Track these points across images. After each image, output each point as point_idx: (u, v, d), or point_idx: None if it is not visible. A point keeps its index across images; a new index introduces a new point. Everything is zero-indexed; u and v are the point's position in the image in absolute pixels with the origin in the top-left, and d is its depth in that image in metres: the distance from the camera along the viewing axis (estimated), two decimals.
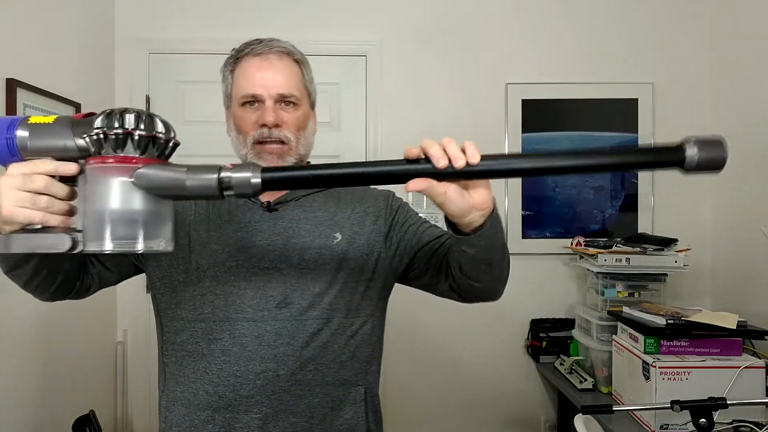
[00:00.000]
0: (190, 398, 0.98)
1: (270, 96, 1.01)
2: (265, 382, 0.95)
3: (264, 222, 1.03)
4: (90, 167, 0.74)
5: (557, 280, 2.47)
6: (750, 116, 2.20)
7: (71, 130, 0.75)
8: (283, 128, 1.02)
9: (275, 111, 1.01)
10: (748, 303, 2.16)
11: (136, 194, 0.73)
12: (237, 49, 1.07)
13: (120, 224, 0.72)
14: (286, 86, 1.03)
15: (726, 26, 2.37)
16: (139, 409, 2.41)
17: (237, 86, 1.05)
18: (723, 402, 1.33)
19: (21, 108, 1.77)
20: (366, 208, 1.08)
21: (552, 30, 2.47)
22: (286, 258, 1.00)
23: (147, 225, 0.73)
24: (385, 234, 1.06)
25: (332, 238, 1.03)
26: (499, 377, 2.46)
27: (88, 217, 0.73)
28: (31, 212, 0.72)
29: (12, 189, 0.72)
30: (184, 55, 2.43)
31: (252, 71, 1.03)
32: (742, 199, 2.25)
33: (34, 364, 1.84)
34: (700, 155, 0.69)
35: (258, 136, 1.01)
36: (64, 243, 0.72)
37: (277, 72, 1.03)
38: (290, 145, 1.02)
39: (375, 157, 2.43)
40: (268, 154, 1.01)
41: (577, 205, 2.46)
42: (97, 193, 0.73)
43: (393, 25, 2.46)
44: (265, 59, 1.03)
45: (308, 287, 0.99)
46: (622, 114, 2.46)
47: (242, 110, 1.03)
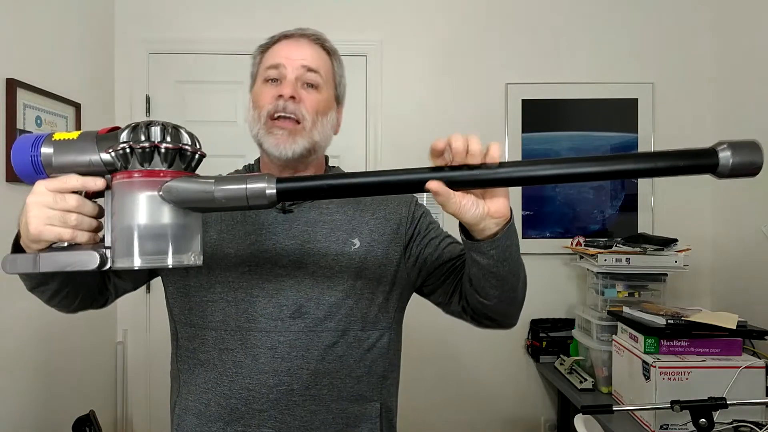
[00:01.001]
0: (201, 409, 0.95)
1: (293, 67, 0.96)
2: (279, 396, 0.91)
3: (278, 224, 0.98)
4: (117, 182, 0.73)
5: (557, 280, 2.47)
6: (750, 116, 2.20)
7: (96, 145, 0.74)
8: (299, 103, 0.95)
9: (294, 85, 0.95)
10: (748, 303, 2.16)
11: (165, 208, 0.72)
12: (271, 37, 1.04)
13: (149, 239, 0.71)
14: (312, 60, 0.98)
15: (726, 26, 2.37)
16: (139, 409, 2.41)
17: (262, 64, 1.00)
18: (723, 402, 1.33)
19: (21, 108, 1.77)
20: (386, 214, 1.02)
21: (552, 30, 2.47)
22: (301, 264, 0.95)
23: (176, 239, 0.72)
24: (405, 244, 1.01)
25: (350, 244, 0.97)
26: (499, 377, 2.46)
27: (116, 233, 0.72)
28: (60, 230, 0.71)
29: (41, 207, 0.71)
30: (184, 55, 2.43)
31: (281, 46, 1.00)
32: (742, 199, 2.25)
33: (34, 364, 1.84)
34: (734, 159, 0.66)
35: (272, 108, 0.94)
36: (93, 260, 0.71)
37: (305, 48, 0.99)
38: (304, 124, 0.95)
39: (375, 158, 2.43)
40: (279, 129, 0.94)
41: (577, 205, 2.46)
42: (124, 209, 0.72)
43: (393, 25, 2.46)
44: (296, 40, 1.00)
45: (324, 297, 0.94)
46: (622, 114, 2.46)
47: (264, 86, 0.98)
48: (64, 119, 2.02)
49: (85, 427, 1.93)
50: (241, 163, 1.16)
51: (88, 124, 2.16)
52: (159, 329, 2.38)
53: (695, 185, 2.46)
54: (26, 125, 1.80)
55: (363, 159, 2.44)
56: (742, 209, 2.25)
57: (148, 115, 2.41)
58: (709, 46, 2.45)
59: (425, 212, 1.07)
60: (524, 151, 2.45)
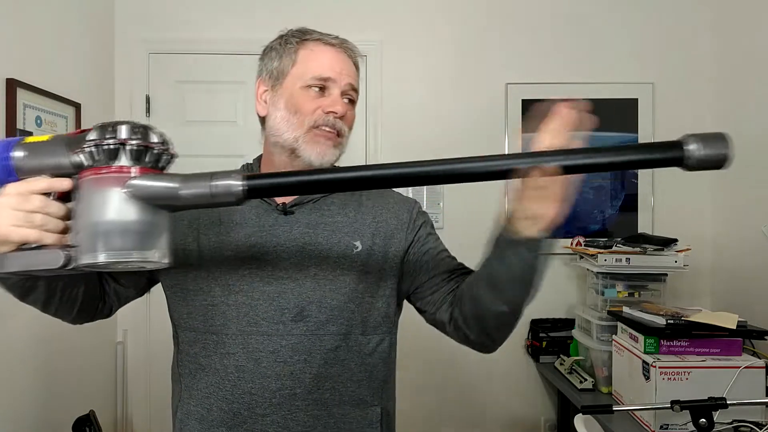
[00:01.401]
0: (204, 414, 0.95)
1: (340, 84, 0.98)
2: (281, 401, 0.91)
3: (279, 226, 0.97)
4: (83, 180, 0.73)
5: (557, 280, 2.46)
6: (750, 116, 2.20)
7: (66, 147, 0.74)
8: (344, 121, 0.99)
9: (343, 102, 0.98)
10: (748, 303, 2.15)
11: (130, 204, 0.71)
12: (301, 30, 1.03)
13: (113, 235, 0.71)
14: (354, 79, 1.01)
15: (726, 26, 2.37)
16: (139, 409, 2.41)
17: (305, 65, 0.99)
18: (723, 402, 1.33)
19: (21, 108, 1.77)
20: (388, 217, 1.02)
21: (552, 30, 2.47)
22: (302, 266, 0.95)
23: (141, 235, 0.72)
24: (405, 249, 1.01)
25: (352, 246, 0.97)
26: (499, 377, 2.46)
27: (81, 231, 0.72)
28: (26, 231, 0.71)
29: (7, 209, 0.71)
30: (184, 55, 2.43)
31: (327, 55, 0.99)
32: (742, 199, 2.25)
33: (34, 364, 1.84)
34: (701, 152, 0.67)
35: (321, 121, 0.97)
36: (57, 259, 0.71)
37: (347, 65, 1.01)
38: (344, 139, 1.00)
39: (375, 158, 2.43)
40: (325, 141, 0.97)
41: (577, 205, 2.46)
42: (90, 206, 0.72)
43: (393, 25, 2.46)
44: (338, 51, 1.00)
45: (326, 300, 0.94)
46: (622, 114, 2.46)
47: (305, 91, 0.98)
48: (64, 119, 2.02)
49: (85, 427, 1.93)
50: (241, 162, 1.16)
51: (88, 124, 2.15)
52: (159, 329, 2.38)
53: (695, 185, 2.46)
54: (26, 125, 1.80)
55: (363, 159, 2.44)
56: (742, 209, 2.25)
57: (148, 115, 2.41)
58: (709, 46, 2.45)
59: (426, 221, 1.07)
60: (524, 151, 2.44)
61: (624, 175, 2.46)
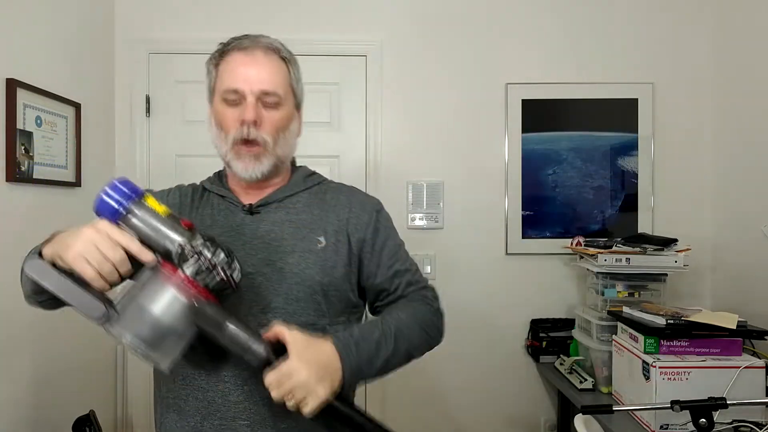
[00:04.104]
0: (180, 405, 0.98)
1: (252, 92, 0.99)
2: (253, 388, 0.95)
3: (246, 225, 1.03)
4: (164, 271, 0.80)
5: (557, 280, 2.46)
6: (750, 116, 2.20)
7: (171, 230, 0.81)
8: (261, 129, 1.00)
9: (255, 109, 0.99)
10: (748, 303, 2.16)
11: (181, 315, 0.79)
12: (223, 43, 1.06)
13: (151, 328, 0.78)
14: (270, 82, 1.00)
15: (726, 26, 2.37)
16: (139, 409, 2.41)
17: (220, 80, 1.03)
18: (723, 402, 1.33)
19: (21, 108, 1.77)
20: (350, 216, 1.07)
21: (552, 30, 2.47)
22: (269, 262, 0.99)
23: (169, 341, 0.80)
24: (360, 248, 1.07)
25: (316, 242, 1.02)
26: (499, 377, 2.46)
27: (129, 307, 0.79)
28: (90, 270, 0.77)
29: (89, 242, 0.77)
30: (184, 55, 2.43)
31: (235, 66, 1.01)
32: (742, 199, 2.25)
33: (34, 364, 1.84)
34: None
35: (238, 135, 1.00)
36: (96, 312, 0.78)
37: (261, 68, 1.00)
38: (266, 146, 1.01)
39: (375, 158, 2.43)
40: (246, 155, 1.00)
41: (577, 205, 2.46)
42: (153, 295, 0.79)
43: (393, 25, 2.45)
44: (249, 54, 1.01)
45: (292, 292, 0.98)
46: (622, 114, 2.46)
47: (223, 106, 1.02)
48: (64, 119, 2.02)
49: (85, 427, 1.93)
50: None
51: (88, 124, 2.16)
52: None
53: (695, 185, 2.46)
54: (26, 125, 1.80)
55: (363, 159, 2.44)
56: (742, 209, 2.25)
57: (148, 115, 2.41)
58: (709, 46, 2.45)
59: (387, 227, 1.12)
60: (524, 151, 2.45)
61: (624, 175, 2.46)
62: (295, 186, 1.09)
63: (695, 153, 2.46)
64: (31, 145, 1.83)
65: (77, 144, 2.09)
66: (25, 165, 1.80)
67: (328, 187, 1.13)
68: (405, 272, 1.09)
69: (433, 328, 1.08)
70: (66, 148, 2.03)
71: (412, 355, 1.03)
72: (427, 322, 1.06)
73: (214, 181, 1.13)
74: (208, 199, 1.10)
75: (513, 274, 2.45)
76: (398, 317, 1.03)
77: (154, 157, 2.42)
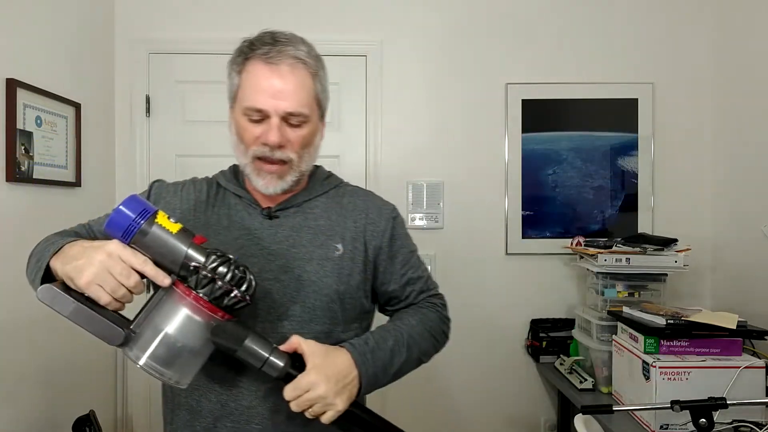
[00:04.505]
0: (193, 405, 0.98)
1: (276, 112, 0.94)
2: (267, 394, 0.95)
3: (264, 230, 1.01)
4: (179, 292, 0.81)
5: (557, 280, 2.46)
6: (750, 116, 2.20)
7: (186, 246, 0.81)
8: (286, 148, 0.96)
9: (280, 130, 0.95)
10: (748, 303, 2.16)
11: (200, 336, 0.81)
12: (248, 45, 0.98)
13: (167, 350, 0.79)
14: (295, 102, 0.95)
15: (726, 26, 2.37)
16: (139, 409, 2.41)
17: (243, 92, 0.97)
18: (723, 402, 1.33)
19: (21, 108, 1.77)
20: (366, 223, 1.06)
21: (552, 30, 2.47)
22: (286, 269, 0.98)
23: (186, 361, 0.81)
24: (376, 255, 1.07)
25: (333, 249, 1.01)
26: (499, 377, 2.46)
27: (147, 329, 0.80)
28: (104, 295, 0.78)
29: (105, 269, 0.77)
30: (184, 55, 2.43)
31: (260, 80, 0.95)
32: (742, 199, 2.25)
33: (34, 364, 1.84)
34: None
35: (259, 153, 0.96)
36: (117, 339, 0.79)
37: (287, 85, 0.94)
38: (291, 164, 0.98)
39: (375, 158, 2.43)
40: (268, 174, 0.98)
41: (577, 205, 2.46)
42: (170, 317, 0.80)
43: (393, 25, 2.45)
44: (275, 70, 0.94)
45: (309, 300, 0.98)
46: (622, 114, 2.46)
47: (245, 120, 0.97)
48: (64, 119, 2.02)
49: (85, 427, 1.93)
50: None
51: (88, 124, 2.16)
52: None
53: (695, 185, 2.46)
54: (26, 125, 1.80)
55: (363, 159, 2.44)
56: (742, 209, 2.25)
57: (148, 115, 2.41)
58: (709, 46, 2.45)
59: (402, 234, 1.12)
60: (524, 151, 2.45)
61: (624, 175, 2.46)
62: (313, 190, 1.08)
63: (695, 153, 2.46)
64: (31, 145, 1.83)
65: (77, 144, 2.09)
66: (25, 165, 1.80)
67: (345, 191, 1.12)
68: (417, 280, 1.11)
69: (441, 334, 1.11)
70: (66, 148, 2.03)
71: (422, 360, 1.06)
72: (436, 329, 1.08)
73: (230, 178, 1.09)
74: (224, 197, 1.07)
75: (513, 274, 2.45)
76: (410, 324, 1.04)
77: (154, 157, 2.42)
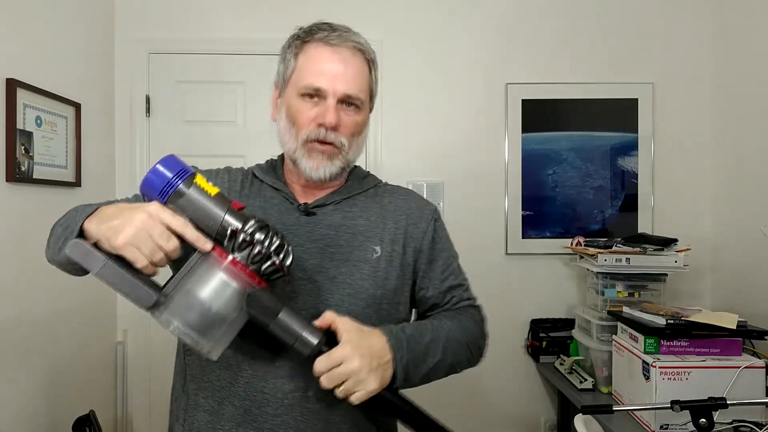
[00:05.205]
0: (215, 407, 0.94)
1: (334, 94, 0.94)
2: (294, 402, 0.90)
3: (300, 226, 0.97)
4: (216, 257, 0.76)
5: (557, 280, 2.46)
6: (750, 116, 2.20)
7: (223, 212, 0.78)
8: (339, 132, 0.95)
9: (337, 111, 0.94)
10: (748, 303, 2.16)
11: (234, 302, 0.76)
12: (306, 30, 0.99)
13: (200, 314, 0.75)
14: (354, 86, 0.96)
15: (726, 26, 2.37)
16: (139, 409, 2.41)
17: (300, 73, 0.96)
18: (723, 402, 1.33)
19: (21, 108, 1.77)
20: (407, 224, 1.02)
21: (552, 30, 2.47)
22: (321, 269, 0.94)
23: (219, 329, 0.77)
24: (416, 259, 1.02)
25: (372, 251, 0.97)
26: (499, 377, 2.46)
27: (180, 290, 0.75)
28: (140, 257, 0.73)
29: (144, 231, 0.73)
30: (184, 55, 2.43)
31: (320, 62, 0.95)
32: (742, 199, 2.25)
33: (34, 364, 1.84)
34: None
35: (313, 135, 0.94)
36: (147, 301, 0.74)
37: (348, 68, 0.95)
38: (342, 149, 0.97)
39: (375, 158, 2.43)
40: (319, 153, 0.95)
41: (577, 205, 2.46)
42: (204, 282, 0.76)
43: (393, 25, 2.45)
44: (336, 52, 0.96)
45: (343, 304, 0.93)
46: (622, 114, 2.46)
47: (300, 101, 0.96)
48: (64, 119, 2.02)
49: (85, 427, 1.93)
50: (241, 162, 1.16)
51: (88, 124, 2.16)
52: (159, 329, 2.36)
53: (695, 185, 2.46)
54: (26, 125, 1.80)
55: (363, 159, 2.44)
56: (742, 209, 2.25)
57: (148, 115, 2.41)
58: (709, 46, 2.45)
59: (443, 236, 1.08)
60: (524, 151, 2.45)
61: (624, 175, 2.46)
62: (352, 188, 1.04)
63: (695, 153, 2.46)
64: (31, 145, 1.83)
65: (77, 144, 2.09)
66: (25, 165, 1.80)
67: (385, 190, 1.08)
68: (458, 287, 1.06)
69: (477, 348, 1.06)
70: (66, 148, 2.03)
71: (454, 369, 1.01)
72: (473, 341, 1.04)
73: (268, 171, 1.06)
74: (259, 189, 1.03)
75: (513, 274, 2.45)
76: (448, 327, 0.99)
77: (154, 157, 2.42)
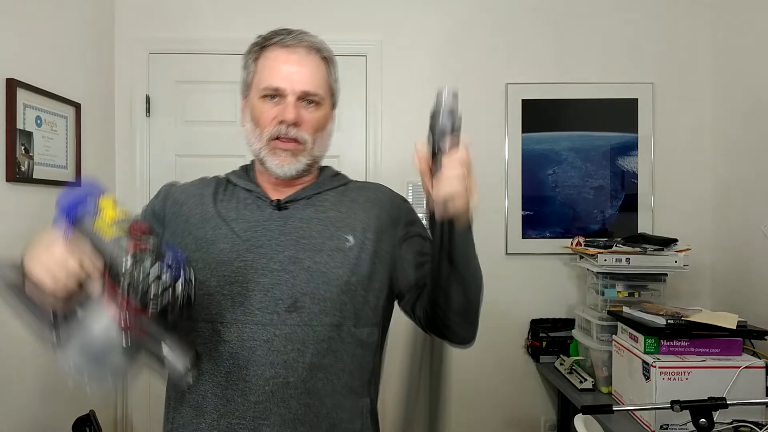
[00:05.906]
0: (198, 400, 0.96)
1: (293, 92, 0.98)
2: (274, 389, 0.93)
3: (273, 221, 1.00)
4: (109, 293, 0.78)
5: (557, 280, 2.46)
6: (750, 116, 2.20)
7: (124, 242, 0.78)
8: (301, 128, 0.99)
9: (296, 108, 0.98)
10: (748, 303, 2.16)
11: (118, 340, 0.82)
12: (264, 37, 1.03)
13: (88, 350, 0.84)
14: (311, 83, 1.00)
15: (726, 26, 2.37)
16: (139, 409, 2.41)
17: (260, 76, 1.01)
18: (723, 402, 1.33)
19: (21, 108, 1.77)
20: (379, 212, 1.05)
21: (552, 30, 2.47)
22: (296, 260, 0.97)
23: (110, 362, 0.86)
24: (394, 245, 1.04)
25: (344, 240, 1.00)
26: (499, 377, 2.46)
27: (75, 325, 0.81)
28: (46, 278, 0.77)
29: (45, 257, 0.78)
30: (184, 55, 2.43)
31: (277, 63, 1.00)
32: (742, 199, 2.25)
33: (34, 364, 1.84)
34: None
35: (275, 132, 0.99)
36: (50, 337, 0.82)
37: (303, 67, 1.00)
38: (306, 145, 1.00)
39: (375, 158, 2.43)
40: (282, 150, 0.99)
41: (577, 205, 2.46)
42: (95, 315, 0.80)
43: (393, 25, 2.45)
44: (292, 52, 1.00)
45: (319, 292, 0.95)
46: (622, 114, 2.46)
47: (261, 103, 1.01)
48: (64, 119, 2.02)
49: (85, 427, 1.93)
50: (241, 162, 1.16)
51: (88, 124, 2.16)
52: None
53: (695, 185, 2.46)
54: (26, 125, 1.80)
55: (363, 159, 2.44)
56: (742, 209, 2.25)
57: (148, 115, 2.41)
58: (709, 46, 2.45)
59: (417, 221, 1.10)
60: (524, 151, 2.45)
61: (624, 175, 2.46)
62: (323, 185, 1.08)
63: (695, 153, 2.46)
64: (31, 145, 1.83)
65: (77, 144, 2.09)
66: (25, 165, 1.80)
67: (355, 186, 1.12)
68: None
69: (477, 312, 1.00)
70: (66, 148, 2.03)
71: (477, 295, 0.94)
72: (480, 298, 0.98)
73: (241, 175, 1.11)
74: (233, 192, 1.07)
75: (513, 274, 2.45)
76: None
77: (153, 157, 2.42)
